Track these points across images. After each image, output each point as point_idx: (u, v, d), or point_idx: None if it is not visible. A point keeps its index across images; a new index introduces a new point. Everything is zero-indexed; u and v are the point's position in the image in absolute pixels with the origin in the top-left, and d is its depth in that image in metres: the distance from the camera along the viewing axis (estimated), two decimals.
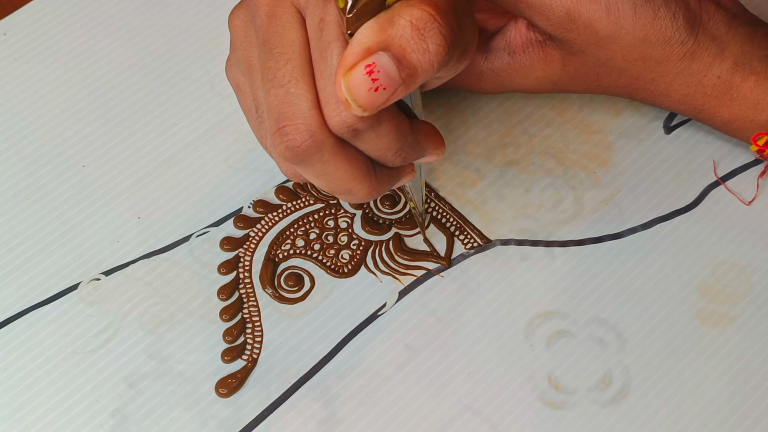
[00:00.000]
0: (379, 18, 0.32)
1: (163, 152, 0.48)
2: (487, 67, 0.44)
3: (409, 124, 0.36)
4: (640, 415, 0.41)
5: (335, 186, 0.37)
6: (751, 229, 0.45)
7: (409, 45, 0.32)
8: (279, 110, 0.35)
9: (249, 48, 0.37)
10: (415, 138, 0.37)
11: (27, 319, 0.44)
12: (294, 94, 0.34)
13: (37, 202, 0.46)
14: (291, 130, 0.34)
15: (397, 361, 0.42)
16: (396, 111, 0.36)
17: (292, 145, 0.34)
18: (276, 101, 0.35)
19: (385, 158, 0.37)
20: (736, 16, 0.43)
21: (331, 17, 0.34)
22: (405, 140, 0.36)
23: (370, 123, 0.34)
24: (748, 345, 0.42)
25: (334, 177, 0.36)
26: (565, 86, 0.45)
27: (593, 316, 0.43)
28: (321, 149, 0.35)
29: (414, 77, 0.33)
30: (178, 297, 0.44)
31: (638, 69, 0.43)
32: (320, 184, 0.37)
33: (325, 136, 0.35)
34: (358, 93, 0.32)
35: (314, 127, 0.34)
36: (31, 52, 0.51)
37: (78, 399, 0.42)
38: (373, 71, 0.32)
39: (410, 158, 0.37)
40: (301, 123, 0.34)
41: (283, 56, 0.35)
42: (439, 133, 0.39)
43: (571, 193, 0.46)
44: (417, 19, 0.32)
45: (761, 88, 0.42)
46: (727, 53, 0.42)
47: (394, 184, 0.39)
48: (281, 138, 0.35)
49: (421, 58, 0.33)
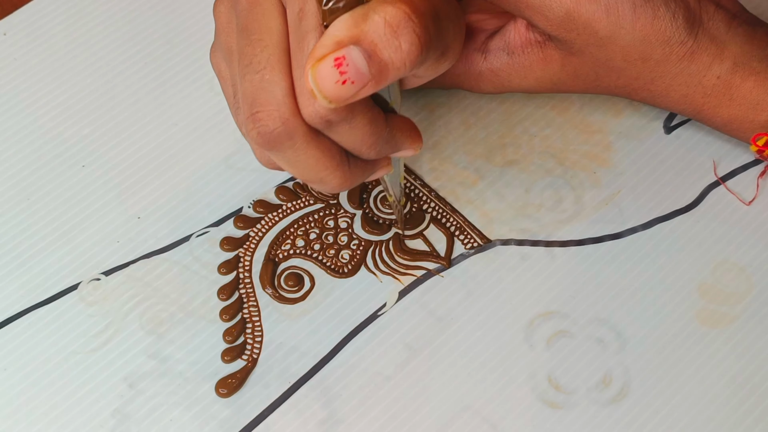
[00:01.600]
0: (354, 12, 0.32)
1: (162, 152, 0.48)
2: (486, 67, 0.44)
3: (384, 118, 0.37)
4: (640, 415, 0.41)
5: (307, 174, 0.37)
6: (751, 229, 0.45)
7: (381, 41, 0.32)
8: (253, 96, 0.35)
9: (230, 34, 0.37)
10: (390, 132, 0.37)
11: (27, 319, 0.44)
12: (269, 80, 0.34)
13: (37, 202, 0.46)
14: (264, 116, 0.35)
15: (397, 361, 0.42)
16: (371, 104, 0.36)
17: (264, 131, 0.35)
18: (251, 87, 0.35)
19: (359, 151, 0.37)
20: (735, 17, 0.43)
21: (311, 7, 0.34)
22: (379, 134, 0.36)
23: (343, 115, 0.34)
24: (748, 345, 0.42)
25: (306, 165, 0.36)
26: (564, 86, 0.45)
27: (593, 316, 0.43)
28: (293, 137, 0.35)
29: (384, 74, 0.33)
30: (178, 297, 0.44)
31: (638, 69, 0.43)
32: (292, 172, 0.37)
33: (298, 124, 0.35)
34: (325, 84, 0.32)
35: (287, 114, 0.34)
36: (31, 52, 0.51)
37: (78, 399, 0.42)
38: (341, 64, 0.32)
39: (385, 152, 0.38)
40: (274, 110, 0.34)
41: (260, 43, 0.35)
42: (416, 128, 0.39)
43: (571, 193, 0.46)
44: (391, 17, 0.32)
45: (761, 88, 0.42)
46: (726, 53, 0.42)
47: (369, 176, 0.39)
48: (254, 124, 0.35)
49: (393, 56, 0.33)
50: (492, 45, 0.44)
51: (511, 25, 0.44)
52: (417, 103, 0.49)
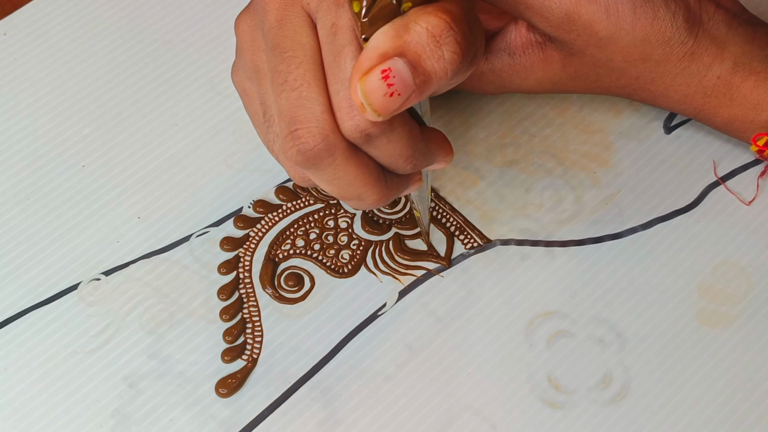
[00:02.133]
0: (394, 23, 0.32)
1: (163, 152, 0.48)
2: (488, 67, 0.44)
3: (420, 131, 0.36)
4: (640, 415, 0.41)
5: (345, 191, 0.36)
6: (751, 229, 0.45)
7: (424, 52, 0.32)
8: (291, 113, 0.34)
9: (256, 52, 0.37)
10: (425, 145, 0.37)
11: (27, 319, 0.44)
12: (306, 97, 0.34)
13: (37, 202, 0.46)
14: (304, 133, 0.34)
15: (397, 361, 0.42)
16: (408, 117, 0.35)
17: (305, 148, 0.34)
18: (288, 104, 0.34)
19: (396, 165, 0.36)
20: (736, 16, 0.43)
21: (344, 21, 0.34)
22: (416, 147, 0.36)
23: (382, 128, 0.34)
24: (748, 345, 0.42)
25: (345, 182, 0.36)
26: (565, 87, 0.45)
27: (593, 316, 0.43)
28: (333, 153, 0.34)
29: (428, 84, 0.33)
30: (178, 297, 0.44)
31: (638, 69, 0.43)
32: (330, 189, 0.37)
33: (338, 140, 0.34)
34: (374, 97, 0.32)
35: (327, 130, 0.34)
36: (31, 52, 0.51)
37: (78, 399, 0.42)
38: (388, 76, 0.32)
39: (420, 165, 0.37)
40: (314, 126, 0.34)
41: (295, 60, 0.34)
42: (447, 140, 0.39)
43: (571, 193, 0.46)
44: (433, 27, 0.32)
45: (761, 88, 0.42)
46: (727, 53, 0.42)
47: (403, 191, 0.39)
48: (293, 141, 0.34)
49: (436, 66, 0.33)
50: (493, 46, 0.44)
51: (511, 25, 0.44)
52: None
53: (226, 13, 0.52)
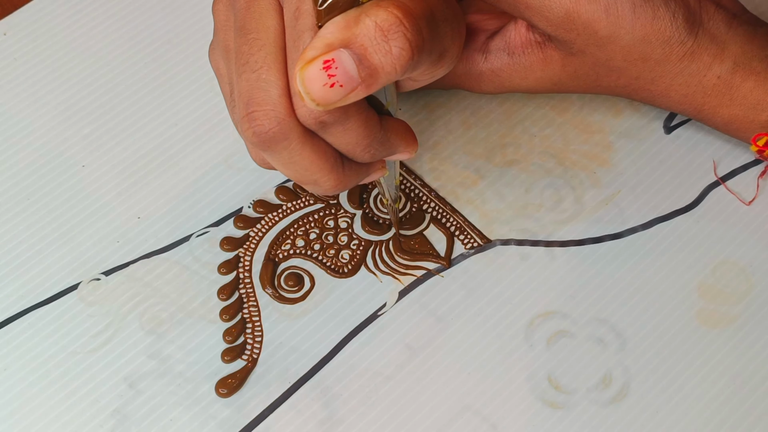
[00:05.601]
0: (347, 15, 0.32)
1: (163, 152, 0.48)
2: (487, 67, 0.44)
3: (379, 121, 0.36)
4: (640, 415, 0.41)
5: (301, 175, 0.37)
6: (751, 229, 0.45)
7: (371, 45, 0.32)
8: (249, 95, 0.35)
9: (228, 32, 0.37)
10: (384, 135, 0.37)
11: (27, 319, 0.44)
12: (265, 80, 0.34)
13: (37, 202, 0.46)
14: (259, 115, 0.34)
15: (397, 361, 0.42)
16: (365, 107, 0.36)
17: (260, 130, 0.35)
18: (247, 86, 0.35)
19: (354, 153, 0.37)
20: (736, 16, 0.43)
21: (307, 7, 0.34)
22: (374, 136, 0.36)
23: (336, 116, 0.34)
24: (748, 345, 0.42)
25: (300, 167, 0.36)
26: (565, 86, 0.45)
27: (593, 316, 0.43)
28: (288, 137, 0.35)
29: (375, 78, 0.33)
30: (178, 297, 0.44)
31: (638, 69, 0.43)
32: (286, 173, 0.37)
33: (293, 124, 0.35)
34: (313, 87, 0.32)
35: (282, 114, 0.34)
36: (31, 52, 0.51)
37: (78, 399, 0.42)
38: (330, 67, 0.32)
39: (379, 155, 0.38)
40: (270, 109, 0.34)
41: (257, 42, 0.35)
42: (411, 132, 0.39)
43: (571, 193, 0.46)
44: (382, 21, 0.32)
45: (761, 88, 0.42)
46: (727, 53, 0.42)
47: (363, 179, 0.39)
48: (249, 123, 0.35)
49: (383, 60, 0.33)
50: (492, 45, 0.44)
51: (511, 25, 0.44)
52: (417, 104, 0.49)
53: None
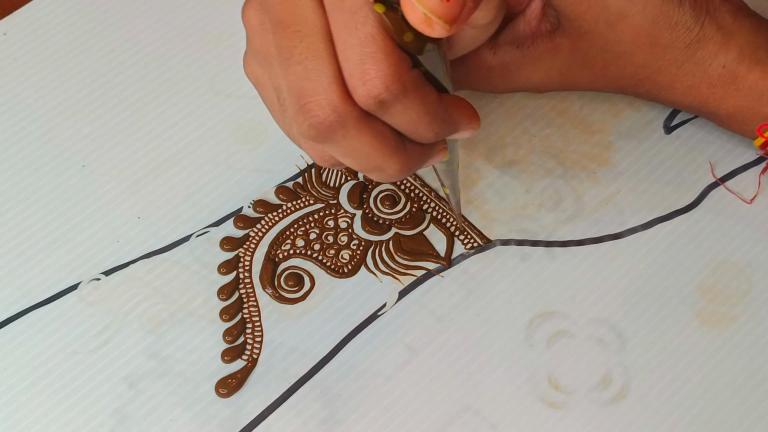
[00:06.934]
0: None
1: (163, 152, 0.48)
2: (497, 62, 0.44)
3: (438, 96, 0.35)
4: (640, 415, 0.41)
5: (364, 163, 0.36)
6: (751, 229, 0.45)
7: None
8: (299, 88, 0.34)
9: (265, 36, 0.36)
10: (445, 111, 0.36)
11: (27, 319, 0.44)
12: (313, 69, 0.33)
13: (37, 202, 0.46)
14: (313, 106, 0.33)
15: (397, 361, 0.42)
16: (423, 82, 0.34)
17: (315, 121, 0.33)
18: (295, 79, 0.34)
19: (417, 132, 0.35)
20: (741, 9, 0.43)
21: None
22: (435, 113, 0.35)
23: (396, 93, 0.33)
24: (748, 345, 0.42)
25: (362, 153, 0.35)
26: (573, 78, 0.45)
27: (593, 316, 0.43)
28: (345, 124, 0.34)
29: None
30: (178, 297, 0.44)
31: (645, 55, 0.43)
32: (349, 162, 0.36)
33: (349, 109, 0.33)
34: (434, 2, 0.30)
35: (336, 101, 0.33)
36: (31, 52, 0.51)
37: (78, 399, 0.42)
38: None
39: (443, 133, 0.36)
40: (323, 98, 0.33)
41: (298, 34, 0.33)
42: (471, 106, 0.37)
43: (571, 193, 0.46)
44: None
45: (767, 79, 0.42)
46: (732, 43, 0.42)
47: (426, 162, 0.38)
48: (304, 116, 0.34)
49: None
50: (501, 39, 0.44)
51: (519, 18, 0.44)
52: None
53: (226, 13, 0.52)
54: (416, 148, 0.36)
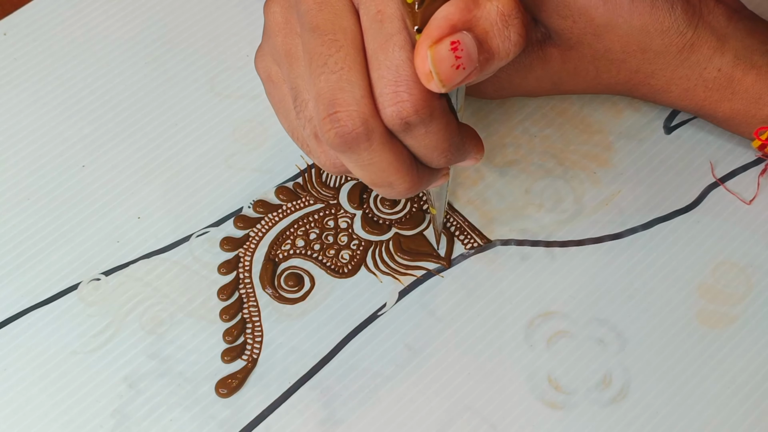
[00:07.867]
0: None
1: (163, 152, 0.48)
2: None
3: (458, 124, 0.36)
4: (640, 415, 0.41)
5: (378, 177, 0.36)
6: (752, 229, 0.45)
7: (492, 29, 0.32)
8: (331, 96, 0.34)
9: (289, 35, 0.36)
10: (461, 139, 0.36)
11: (27, 319, 0.44)
12: (347, 80, 0.34)
13: (37, 202, 0.46)
14: (344, 116, 0.34)
15: (397, 361, 0.42)
16: (447, 109, 0.35)
17: (344, 131, 0.34)
18: (328, 87, 0.34)
19: (431, 157, 0.36)
20: (736, 11, 0.43)
21: (392, 10, 0.33)
22: (453, 140, 0.36)
23: (422, 117, 0.34)
24: (748, 345, 0.42)
25: (378, 168, 0.35)
26: (565, 86, 0.45)
27: (593, 316, 0.43)
28: (371, 138, 0.34)
29: (490, 62, 0.33)
30: (178, 297, 0.44)
31: (637, 61, 0.43)
32: (362, 175, 0.36)
33: (377, 125, 0.34)
34: (442, 67, 0.32)
35: (367, 115, 0.34)
36: (31, 52, 0.51)
37: (78, 399, 0.42)
38: (457, 48, 0.32)
39: (454, 160, 0.37)
40: (354, 110, 0.34)
41: (336, 43, 0.34)
42: (479, 137, 0.38)
43: (571, 193, 0.46)
44: (504, 6, 0.32)
45: (762, 82, 0.42)
46: (727, 46, 0.42)
47: (431, 183, 0.38)
48: (332, 124, 0.34)
49: (501, 45, 0.33)
50: None
51: None
52: None
53: (226, 13, 0.52)
54: (425, 170, 0.37)
